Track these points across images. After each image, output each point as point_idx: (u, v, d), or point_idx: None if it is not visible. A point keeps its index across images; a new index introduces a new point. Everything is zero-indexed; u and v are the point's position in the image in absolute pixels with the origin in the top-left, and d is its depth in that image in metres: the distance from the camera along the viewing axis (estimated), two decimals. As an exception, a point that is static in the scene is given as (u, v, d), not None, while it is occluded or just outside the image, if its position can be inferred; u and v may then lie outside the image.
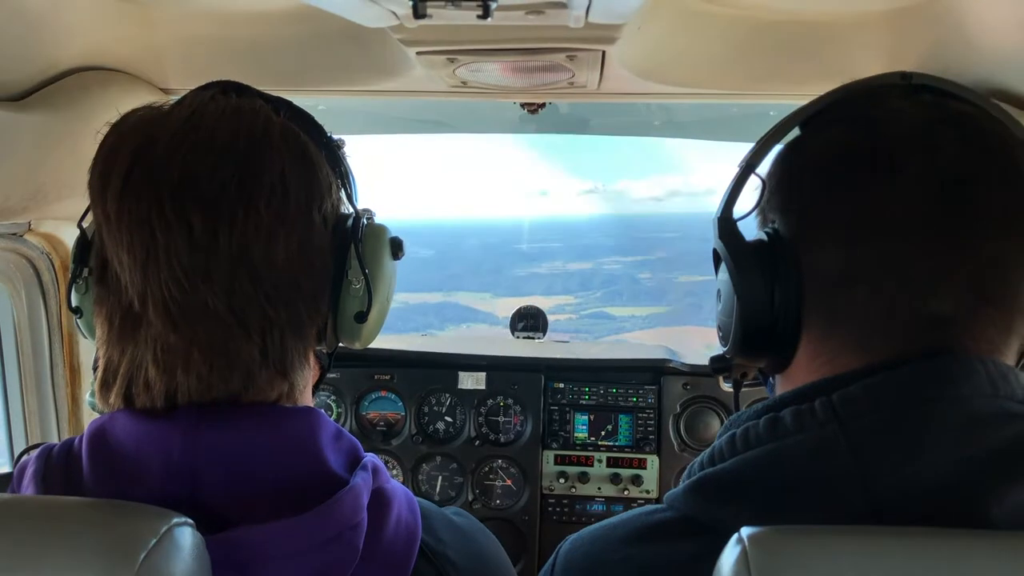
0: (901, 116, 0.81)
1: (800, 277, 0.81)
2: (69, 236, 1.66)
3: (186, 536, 0.66)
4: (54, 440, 0.81)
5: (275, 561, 0.70)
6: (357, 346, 0.89)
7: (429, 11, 0.94)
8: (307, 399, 0.85)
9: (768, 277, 0.82)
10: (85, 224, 0.83)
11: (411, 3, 0.92)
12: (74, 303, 0.85)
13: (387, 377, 2.43)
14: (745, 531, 0.66)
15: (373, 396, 2.45)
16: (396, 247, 0.92)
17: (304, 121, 0.84)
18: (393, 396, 2.44)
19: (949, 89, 0.84)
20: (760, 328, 0.83)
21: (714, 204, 0.90)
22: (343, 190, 0.87)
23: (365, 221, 0.87)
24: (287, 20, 1.32)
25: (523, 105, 1.78)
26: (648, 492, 2.34)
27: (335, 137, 0.88)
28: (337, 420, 2.42)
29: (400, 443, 2.41)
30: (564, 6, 1.02)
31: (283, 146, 0.78)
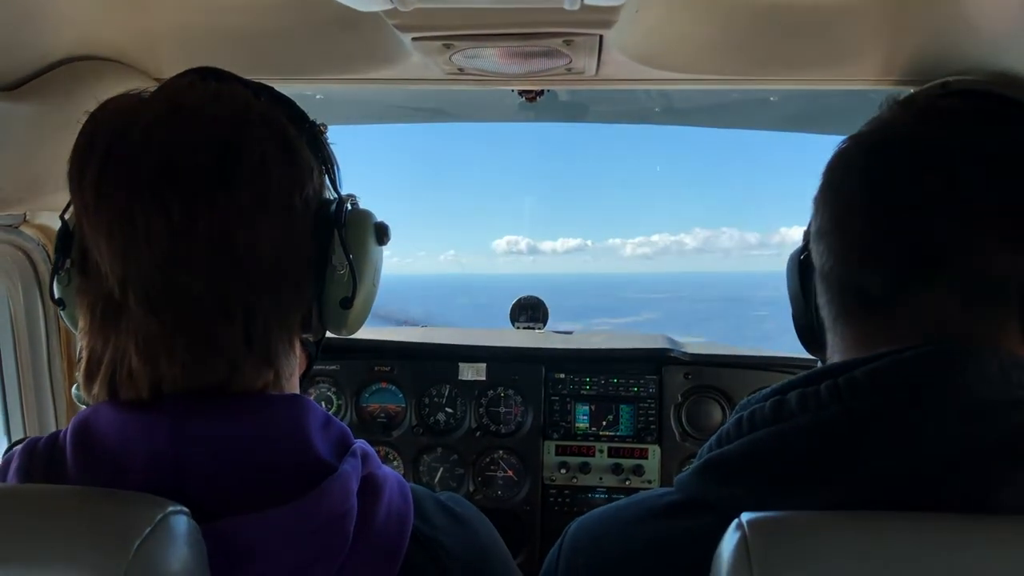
0: (879, 122, 0.87)
1: (811, 281, 0.91)
2: (65, 228, 1.66)
3: (181, 524, 0.66)
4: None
5: (267, 550, 0.70)
6: (344, 333, 0.88)
7: (423, -9, 0.93)
8: (294, 388, 0.84)
9: (796, 284, 0.96)
10: (67, 216, 0.82)
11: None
12: (57, 295, 0.84)
13: (387, 369, 2.43)
14: (745, 517, 0.65)
15: (373, 388, 2.45)
16: (381, 232, 0.90)
17: (285, 106, 0.84)
18: (393, 388, 2.44)
19: (979, 89, 0.88)
20: (799, 326, 0.98)
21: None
22: (326, 175, 0.86)
23: (349, 206, 0.86)
24: (282, 8, 1.30)
25: (521, 93, 1.77)
26: (650, 482, 2.34)
27: (317, 122, 0.87)
28: (337, 412, 2.42)
29: (401, 434, 2.41)
30: (560, -13, 1.01)
31: (263, 130, 0.77)
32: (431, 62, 1.42)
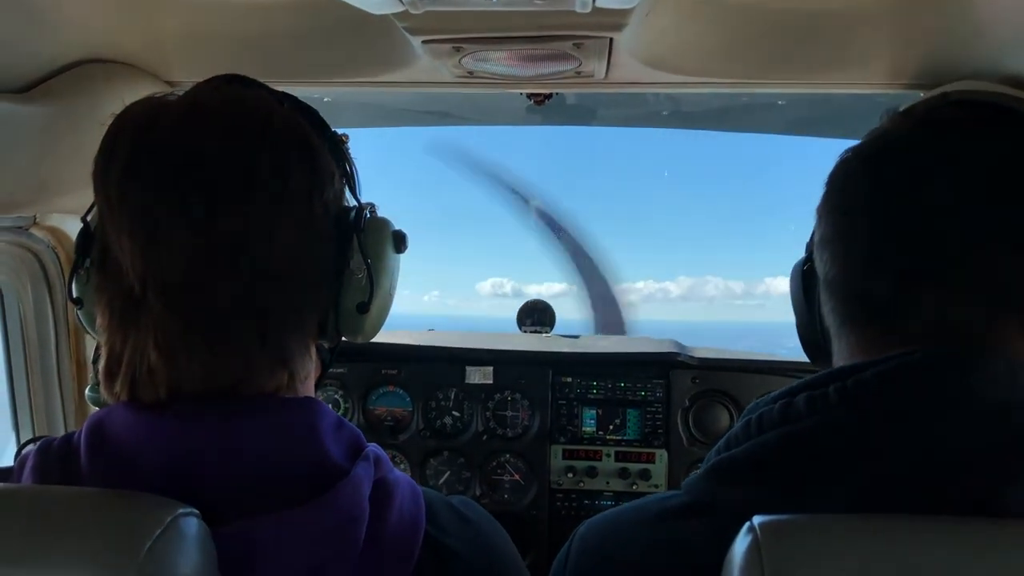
0: (879, 132, 0.87)
1: (815, 291, 0.91)
2: (74, 230, 1.66)
3: (192, 526, 0.66)
4: (61, 434, 0.81)
5: (277, 552, 0.70)
6: (359, 340, 0.88)
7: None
8: (308, 391, 0.84)
9: (800, 294, 0.96)
10: (89, 218, 0.83)
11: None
12: (75, 294, 0.85)
13: (394, 372, 2.43)
14: (757, 520, 0.65)
15: (380, 391, 2.45)
16: (399, 240, 0.91)
17: (307, 114, 0.85)
18: (400, 391, 2.44)
19: (979, 99, 0.87)
20: (804, 337, 0.98)
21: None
22: (346, 183, 0.87)
23: (368, 213, 0.87)
24: (292, 11, 1.31)
25: (529, 96, 1.77)
26: (657, 487, 2.33)
27: (339, 131, 0.88)
28: (344, 415, 2.42)
29: (408, 438, 2.41)
30: (571, -10, 1.01)
31: (285, 134, 0.78)
32: (440, 65, 1.42)
